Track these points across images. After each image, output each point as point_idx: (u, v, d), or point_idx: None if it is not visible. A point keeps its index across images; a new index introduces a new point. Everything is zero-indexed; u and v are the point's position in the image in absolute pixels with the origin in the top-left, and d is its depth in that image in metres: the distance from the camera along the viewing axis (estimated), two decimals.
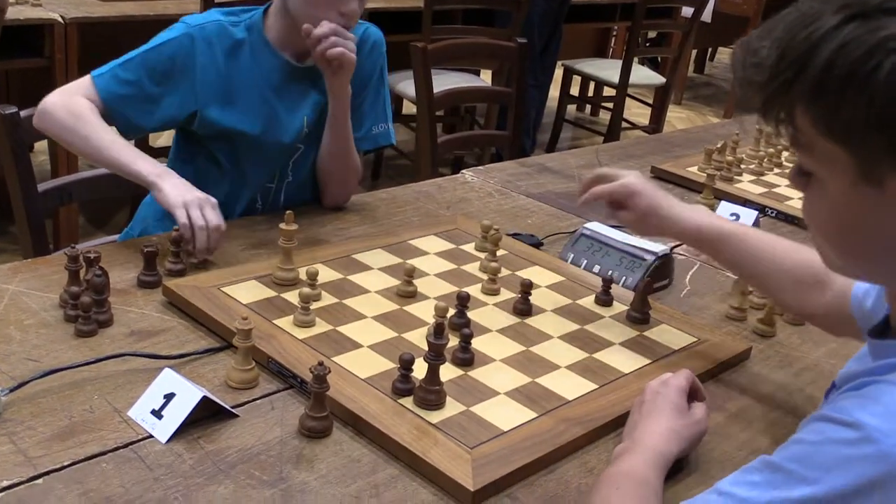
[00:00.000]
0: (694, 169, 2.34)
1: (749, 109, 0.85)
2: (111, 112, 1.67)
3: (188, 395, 1.13)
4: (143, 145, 3.45)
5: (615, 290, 1.57)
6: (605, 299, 1.55)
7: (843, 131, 0.78)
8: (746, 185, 2.30)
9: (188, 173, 1.76)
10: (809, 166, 0.84)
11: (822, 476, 0.80)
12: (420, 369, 1.21)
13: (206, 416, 1.14)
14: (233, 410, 1.17)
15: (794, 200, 2.21)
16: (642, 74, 4.98)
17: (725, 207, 2.06)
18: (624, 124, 4.92)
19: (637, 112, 5.67)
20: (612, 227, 1.73)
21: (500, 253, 1.65)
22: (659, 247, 1.67)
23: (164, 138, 4.04)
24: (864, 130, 0.76)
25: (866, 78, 0.74)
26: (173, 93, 1.67)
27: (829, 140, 0.79)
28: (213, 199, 1.54)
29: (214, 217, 1.51)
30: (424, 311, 1.44)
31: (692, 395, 1.21)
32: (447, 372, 1.26)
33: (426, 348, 1.20)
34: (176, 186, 1.53)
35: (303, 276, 1.44)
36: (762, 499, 0.83)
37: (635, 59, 4.81)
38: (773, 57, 0.79)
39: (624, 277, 1.65)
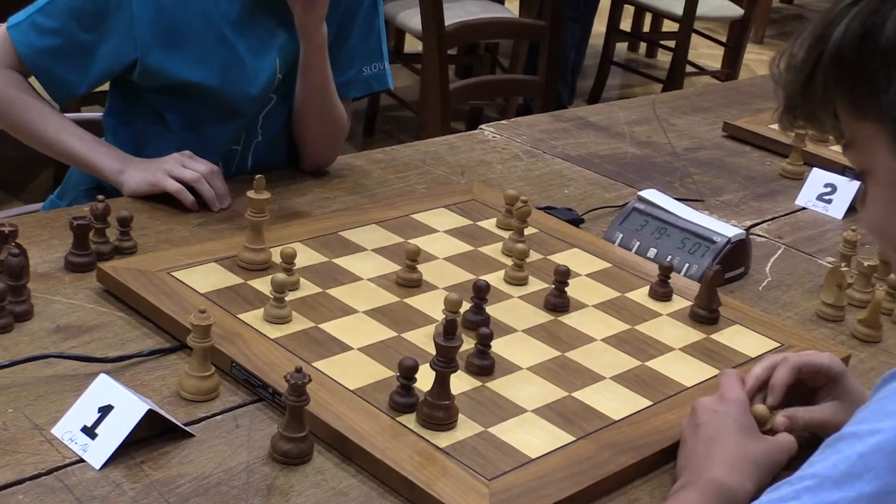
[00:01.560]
0: (777, 126, 2.33)
1: (799, 125, 1.03)
2: (36, 72, 1.69)
3: (129, 409, 1.13)
4: None
5: (675, 280, 1.57)
6: (662, 292, 1.55)
7: (870, 94, 0.93)
8: None
9: (126, 136, 1.77)
10: (859, 162, 0.99)
11: (889, 422, 0.86)
12: (425, 379, 1.21)
13: (153, 434, 1.15)
14: (186, 429, 1.17)
15: None
16: (713, 4, 4.95)
17: (818, 176, 2.05)
18: (689, 68, 4.91)
19: (706, 53, 5.65)
20: (677, 199, 1.73)
21: (528, 231, 1.65)
22: (732, 227, 1.67)
23: None
24: (887, 87, 0.91)
25: (877, 32, 0.91)
26: (109, 39, 1.67)
27: (863, 119, 0.95)
28: (187, 151, 1.69)
29: (200, 164, 1.67)
30: (432, 304, 1.44)
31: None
32: (460, 383, 1.26)
33: (433, 352, 1.20)
34: (142, 169, 1.67)
35: (276, 258, 1.44)
36: (826, 464, 0.88)
37: None
38: (802, 52, 0.98)
39: (687, 264, 1.65)
